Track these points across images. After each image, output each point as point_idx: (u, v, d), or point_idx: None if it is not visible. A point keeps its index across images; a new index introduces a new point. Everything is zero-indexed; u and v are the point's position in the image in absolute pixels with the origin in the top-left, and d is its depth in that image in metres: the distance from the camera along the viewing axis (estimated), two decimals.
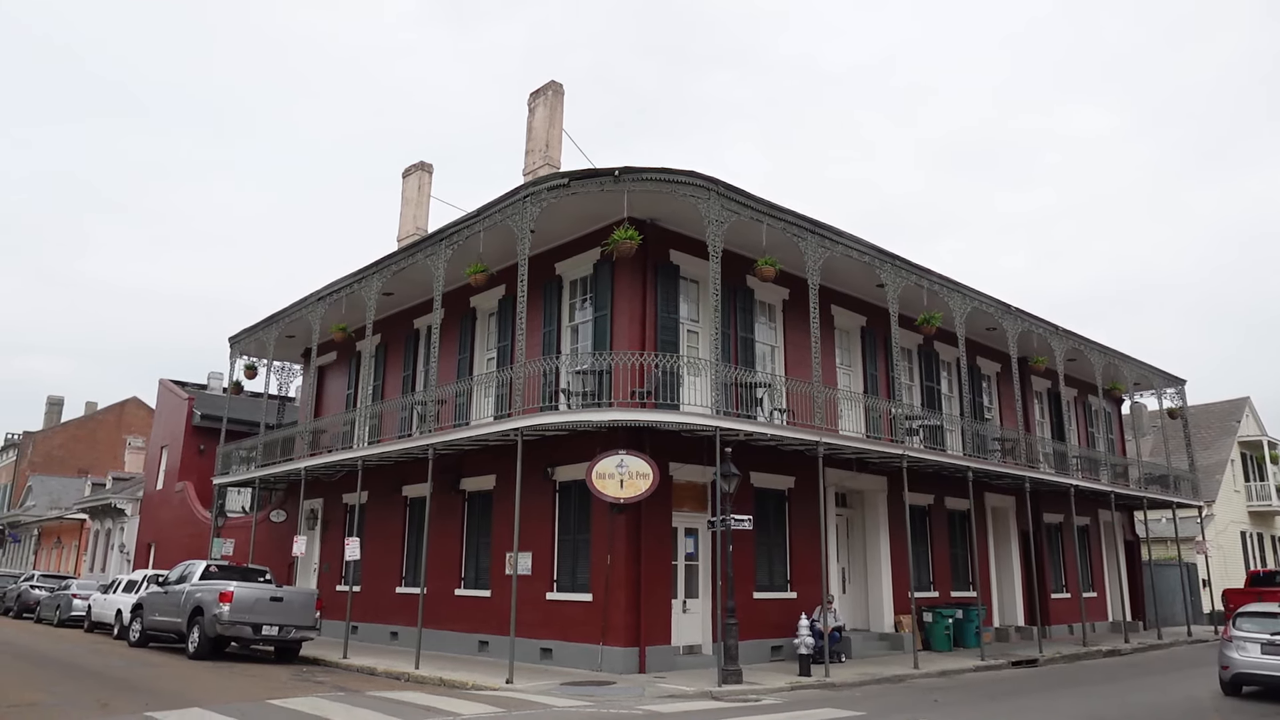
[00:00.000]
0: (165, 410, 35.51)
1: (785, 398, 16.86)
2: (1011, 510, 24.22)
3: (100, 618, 22.67)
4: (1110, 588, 28.45)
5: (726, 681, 13.21)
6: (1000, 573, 24.08)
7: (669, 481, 15.49)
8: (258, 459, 23.10)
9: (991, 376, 25.14)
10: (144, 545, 34.15)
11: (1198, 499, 29.16)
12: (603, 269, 16.45)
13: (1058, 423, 26.97)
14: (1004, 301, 21.34)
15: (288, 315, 22.74)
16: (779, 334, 18.76)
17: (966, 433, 20.63)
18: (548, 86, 18.93)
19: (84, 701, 10.85)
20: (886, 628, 19.47)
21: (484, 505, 18.21)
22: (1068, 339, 23.65)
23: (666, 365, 14.92)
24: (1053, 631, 23.99)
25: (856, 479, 19.16)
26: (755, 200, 15.58)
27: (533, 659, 15.64)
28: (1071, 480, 22.40)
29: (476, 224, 16.29)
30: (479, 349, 19.52)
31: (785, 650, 16.61)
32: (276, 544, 24.18)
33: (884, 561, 19.85)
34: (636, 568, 14.97)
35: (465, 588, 18.24)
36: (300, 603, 16.65)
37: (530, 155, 18.79)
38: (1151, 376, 28.22)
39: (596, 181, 14.81)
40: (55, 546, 48.12)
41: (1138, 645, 22.57)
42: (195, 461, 31.91)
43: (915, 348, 22.20)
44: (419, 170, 23.53)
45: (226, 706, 10.53)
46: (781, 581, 17.73)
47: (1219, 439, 40.04)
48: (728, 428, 14.39)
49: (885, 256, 18.02)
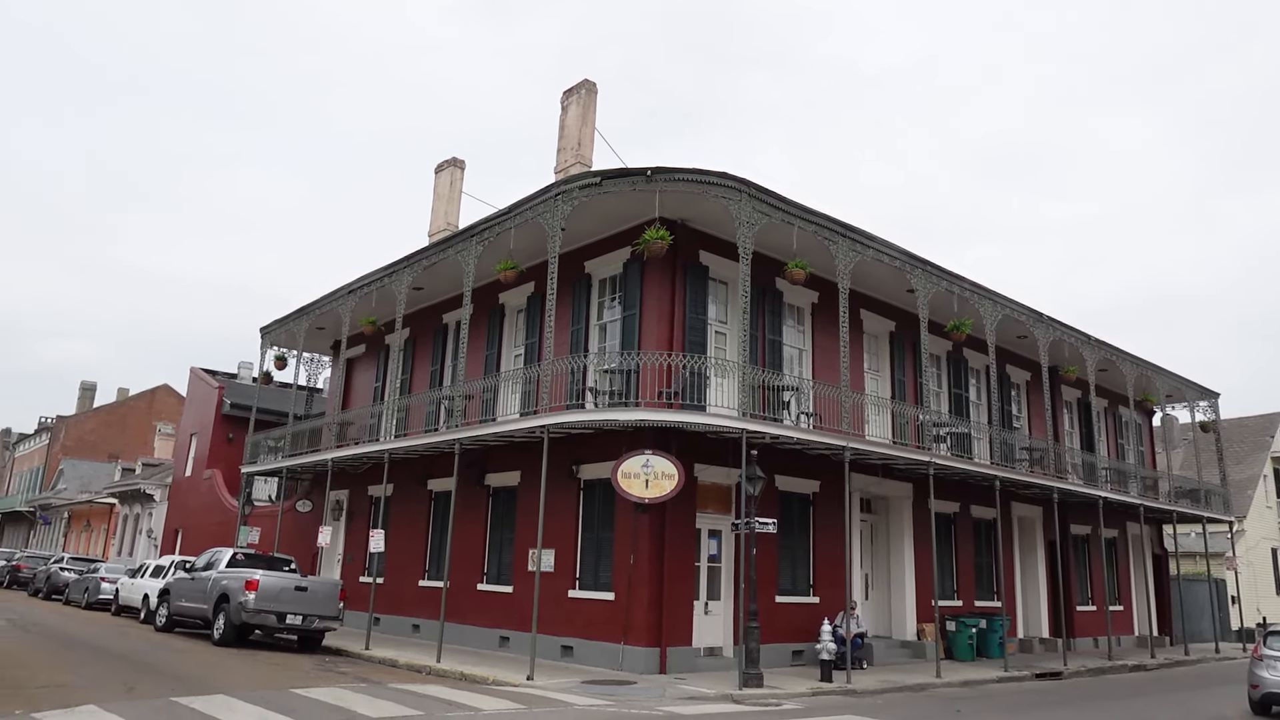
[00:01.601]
0: (196, 398, 35.97)
1: (812, 401, 16.78)
2: (1038, 520, 23.95)
3: (127, 601, 23.00)
4: (1137, 601, 28.06)
5: (747, 685, 13.17)
6: (1025, 583, 23.81)
7: (694, 482, 15.46)
8: (285, 449, 23.32)
9: (1021, 385, 24.87)
10: (171, 531, 34.61)
11: (1229, 514, 28.68)
12: (632, 268, 16.44)
13: (1087, 433, 26.62)
14: (1035, 309, 21.10)
15: (318, 307, 22.94)
16: (807, 337, 18.67)
17: (994, 441, 20.43)
18: (581, 85, 18.96)
19: (111, 684, 11.01)
20: (909, 636, 19.31)
21: (508, 501, 18.27)
22: (1099, 349, 23.34)
23: (694, 366, 14.89)
24: (1077, 644, 23.70)
25: (882, 485, 19.03)
26: (786, 202, 15.51)
27: (553, 656, 15.68)
28: (1100, 492, 22.11)
29: (507, 221, 16.35)
30: (507, 345, 19.58)
31: (807, 655, 16.53)
32: (302, 534, 24.41)
33: (908, 568, 19.69)
34: (659, 568, 14.95)
35: (487, 583, 18.32)
36: (324, 593, 16.79)
37: (562, 153, 18.82)
38: (1184, 389, 27.78)
39: (629, 181, 14.80)
40: (85, 530, 48.90)
41: (1164, 661, 22.24)
42: (224, 450, 32.30)
43: (944, 354, 22.00)
44: (451, 166, 23.65)
45: (251, 694, 10.64)
46: (804, 586, 17.64)
47: (1252, 454, 39.34)
48: (754, 430, 14.34)
49: (916, 261, 17.88)
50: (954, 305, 19.12)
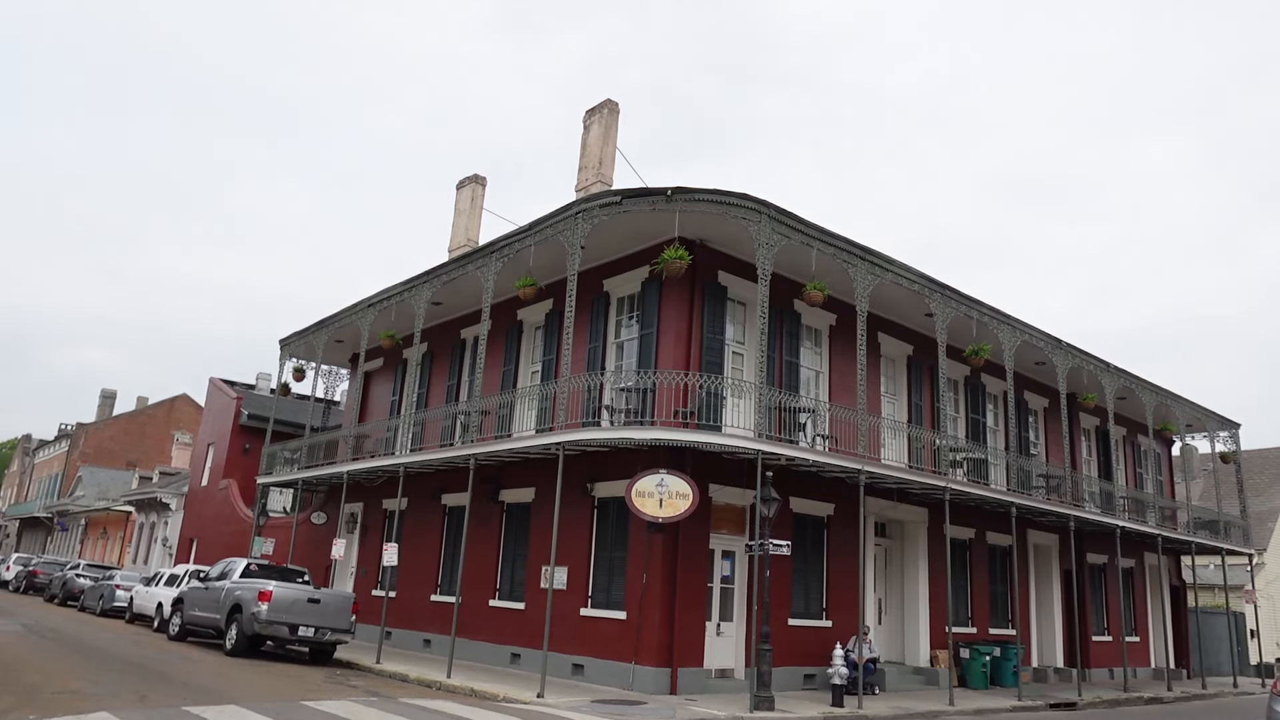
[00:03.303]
0: (214, 408, 36.23)
1: (828, 424, 16.73)
2: (1054, 548, 23.71)
3: (141, 609, 23.10)
4: (1154, 633, 27.67)
5: (758, 708, 13.08)
6: (1040, 611, 23.55)
7: (708, 503, 15.44)
8: (301, 460, 23.45)
9: (1039, 411, 24.71)
10: (186, 540, 34.79)
11: (1248, 547, 28.30)
12: (650, 287, 16.51)
13: (1105, 461, 26.39)
14: (1054, 336, 21.00)
15: (337, 320, 23.13)
16: (824, 359, 18.65)
17: (1011, 467, 20.28)
18: (603, 105, 19.12)
19: (124, 692, 11.06)
20: (922, 662, 19.13)
21: (522, 517, 18.29)
22: (1119, 377, 23.18)
23: (710, 386, 14.90)
24: (1092, 675, 23.38)
25: (897, 509, 18.92)
26: (806, 225, 15.55)
27: (564, 674, 15.63)
28: (1117, 521, 21.88)
29: (527, 238, 16.47)
30: (524, 361, 19.67)
31: (818, 679, 16.41)
32: (315, 546, 24.49)
33: (922, 594, 19.53)
34: (672, 588, 14.91)
35: (500, 599, 18.31)
36: (336, 605, 16.83)
37: (583, 171, 18.97)
38: (1204, 418, 27.51)
39: (649, 200, 14.89)
40: (101, 537, 49.20)
41: (1181, 694, 21.90)
42: (240, 460, 32.49)
43: (962, 379, 21.92)
44: (472, 182, 23.86)
45: (262, 705, 10.66)
46: (817, 609, 17.53)
47: (1273, 485, 38.87)
48: (770, 451, 14.31)
49: (935, 286, 17.86)
50: (973, 330, 19.07)
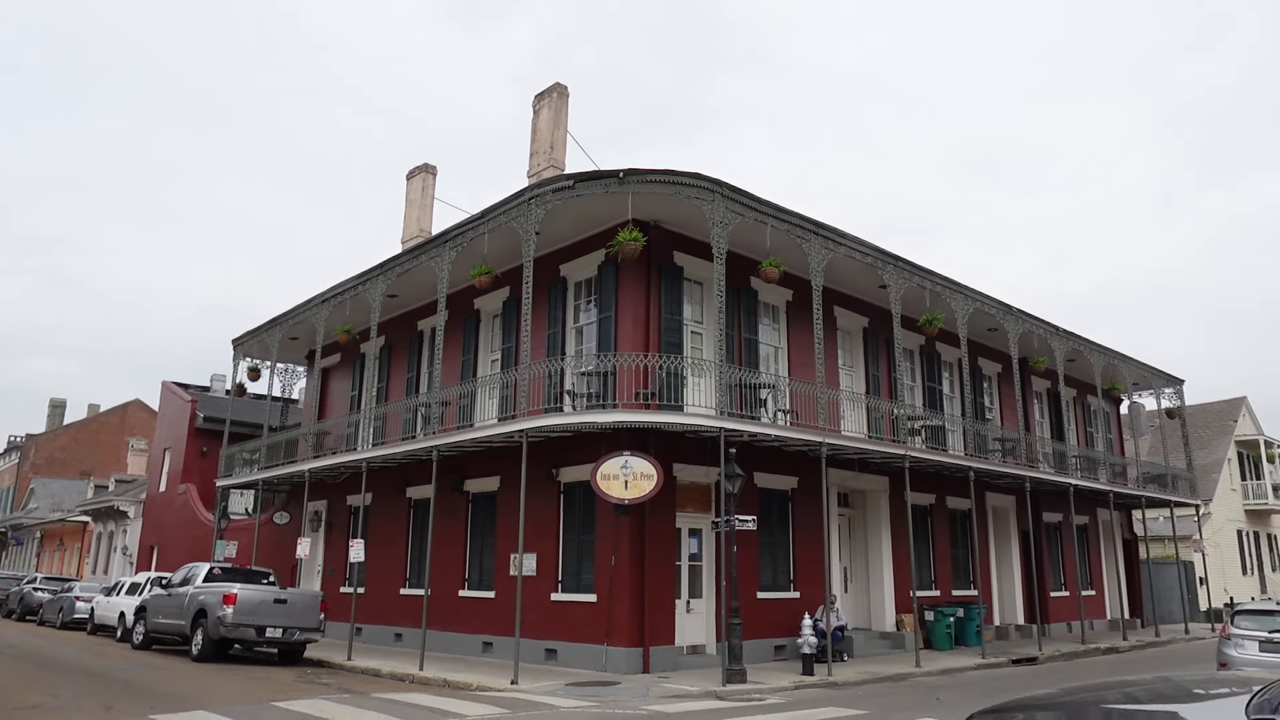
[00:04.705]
0: (168, 412, 35.52)
1: (789, 399, 16.93)
2: (1012, 509, 24.31)
3: (103, 620, 22.68)
4: (1109, 586, 28.53)
5: (730, 681, 13.28)
6: (1001, 571, 24.17)
7: (673, 482, 15.56)
8: (261, 461, 23.13)
9: (993, 377, 25.23)
10: (146, 548, 34.17)
11: (1195, 498, 29.25)
12: (607, 271, 16.51)
13: (1057, 423, 27.06)
14: (1005, 302, 21.43)
15: (291, 317, 22.79)
16: (782, 335, 18.83)
17: (968, 433, 20.71)
18: (552, 89, 18.99)
19: (88, 704, 10.89)
20: (888, 627, 19.55)
21: (488, 507, 18.27)
22: (1068, 340, 23.74)
23: (671, 366, 14.98)
24: (1052, 630, 24.07)
25: (859, 479, 19.24)
26: (759, 202, 15.65)
27: (537, 660, 15.71)
28: (1071, 480, 22.48)
29: (481, 226, 16.36)
30: (483, 350, 19.57)
31: (789, 649, 16.69)
32: (280, 546, 24.22)
33: (886, 561, 19.92)
34: (640, 568, 15.03)
35: (469, 589, 18.30)
36: (304, 605, 16.70)
37: (535, 157, 18.85)
38: (1150, 376, 28.31)
39: (601, 184, 14.88)
40: (58, 549, 48.11)
41: (1136, 643, 22.66)
42: (198, 464, 31.94)
43: (917, 348, 22.28)
44: (423, 172, 23.58)
45: (231, 709, 10.58)
46: (785, 581, 17.80)
47: (1216, 438, 40.15)
48: (732, 429, 14.46)
49: (888, 258, 18.10)
50: (926, 300, 19.38)
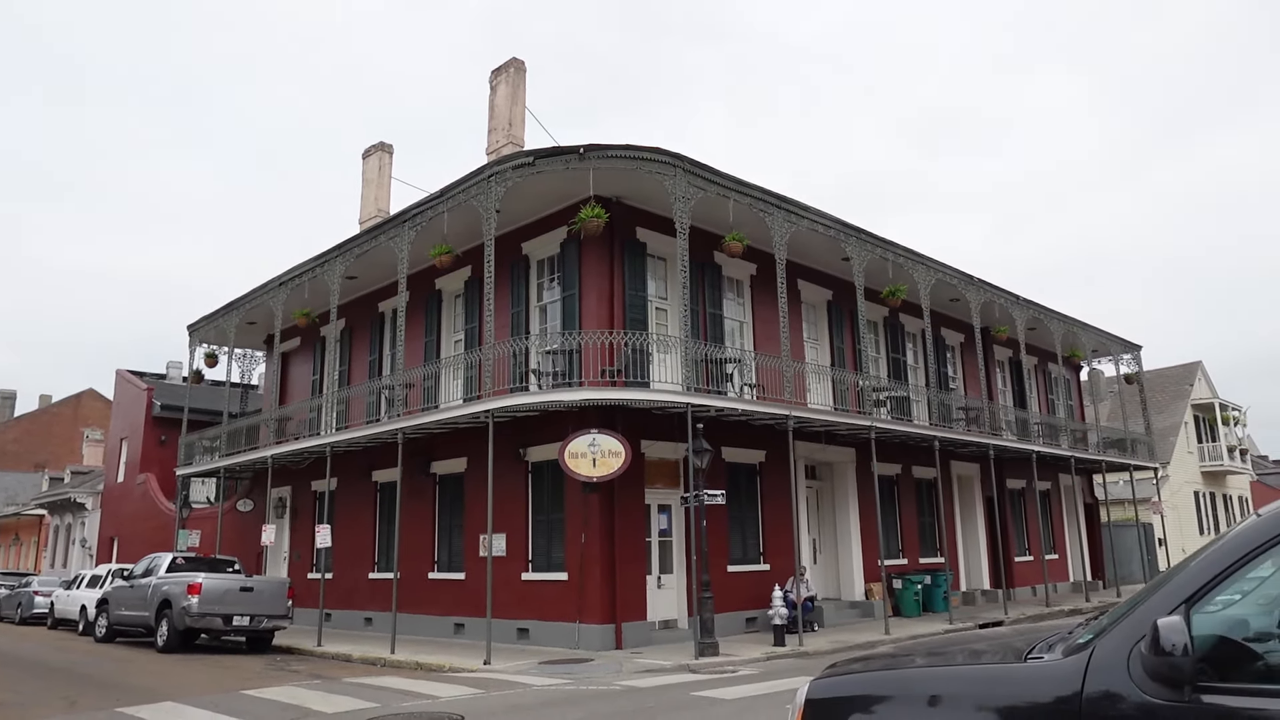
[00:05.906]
0: (124, 401, 34.77)
1: (755, 372, 16.93)
2: (976, 477, 24.66)
3: (64, 614, 22.26)
4: (1071, 549, 29.15)
5: (703, 654, 13.34)
6: (966, 538, 24.55)
7: (641, 459, 15.52)
8: (222, 448, 22.74)
9: (955, 347, 25.49)
10: (106, 539, 33.54)
11: (1153, 461, 29.90)
12: (570, 248, 16.34)
13: (1019, 390, 27.44)
14: (967, 273, 21.60)
15: (248, 301, 22.33)
16: (747, 309, 18.82)
17: (932, 403, 20.91)
18: (509, 64, 18.69)
19: (50, 699, 10.66)
20: (858, 596, 19.77)
21: (456, 488, 18.12)
22: (1028, 308, 24.03)
23: (636, 343, 14.90)
24: (1017, 594, 24.54)
25: (826, 451, 19.36)
26: (721, 176, 15.55)
27: (510, 640, 15.66)
28: (1033, 446, 22.84)
29: (440, 205, 16.08)
30: (446, 331, 19.34)
31: (760, 621, 16.81)
32: (244, 534, 23.88)
33: (854, 531, 20.12)
34: (611, 545, 15.01)
35: (439, 571, 18.18)
36: (271, 592, 16.49)
37: (493, 134, 18.56)
38: (1109, 343, 28.79)
39: (561, 160, 14.67)
40: (14, 544, 47.09)
41: (1098, 604, 23.14)
42: (157, 453, 31.33)
43: (881, 320, 22.41)
44: (379, 151, 23.15)
45: (200, 699, 10.41)
46: (754, 554, 17.90)
47: (1173, 402, 41.05)
48: (699, 404, 14.44)
49: (850, 230, 18.12)
50: (889, 272, 19.46)
